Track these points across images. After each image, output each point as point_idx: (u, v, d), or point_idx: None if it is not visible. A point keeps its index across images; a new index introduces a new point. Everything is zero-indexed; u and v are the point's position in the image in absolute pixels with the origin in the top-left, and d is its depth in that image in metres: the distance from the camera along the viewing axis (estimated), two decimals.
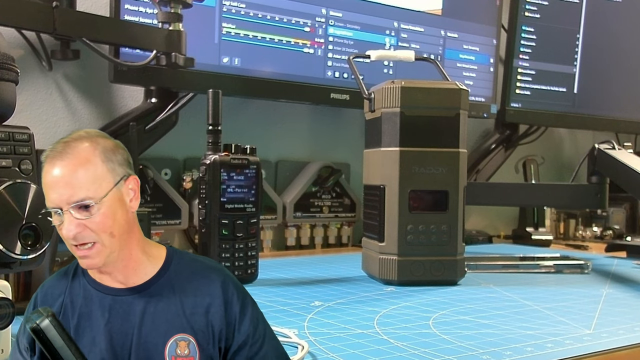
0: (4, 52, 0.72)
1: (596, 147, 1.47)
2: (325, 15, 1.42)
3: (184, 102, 1.28)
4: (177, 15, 1.08)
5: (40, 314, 0.41)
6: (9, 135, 0.71)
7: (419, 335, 0.72)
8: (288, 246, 1.50)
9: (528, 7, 1.77)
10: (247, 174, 0.96)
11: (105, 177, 0.49)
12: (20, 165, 0.71)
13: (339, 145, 1.62)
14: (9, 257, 0.67)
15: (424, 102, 1.04)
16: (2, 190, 0.67)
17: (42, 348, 0.41)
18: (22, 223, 0.69)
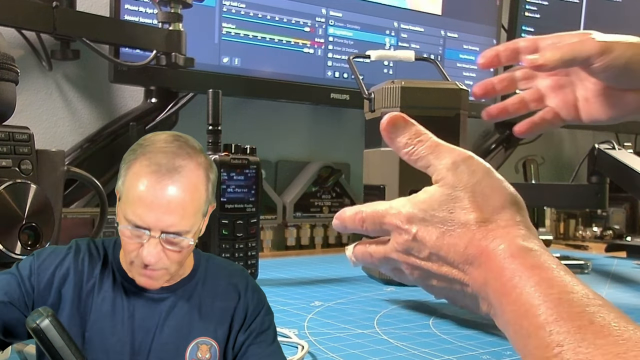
0: (4, 52, 0.72)
1: (596, 147, 1.47)
2: (325, 15, 1.42)
3: (184, 102, 1.28)
4: (177, 15, 1.09)
5: (40, 313, 0.41)
6: (9, 135, 0.71)
7: (419, 335, 0.72)
8: (288, 246, 1.50)
9: (528, 7, 1.77)
10: (247, 174, 0.96)
11: (203, 206, 0.45)
12: (20, 165, 0.71)
13: (339, 145, 1.62)
14: (9, 257, 0.67)
15: (424, 102, 1.04)
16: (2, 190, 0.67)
17: (42, 348, 0.41)
18: (22, 223, 0.69)
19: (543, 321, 0.42)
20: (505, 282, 0.45)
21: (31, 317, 0.41)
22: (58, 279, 0.48)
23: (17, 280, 0.47)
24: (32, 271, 0.48)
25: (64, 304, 0.47)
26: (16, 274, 0.48)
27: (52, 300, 0.47)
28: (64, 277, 0.48)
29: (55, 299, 0.47)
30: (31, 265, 0.48)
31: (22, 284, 0.47)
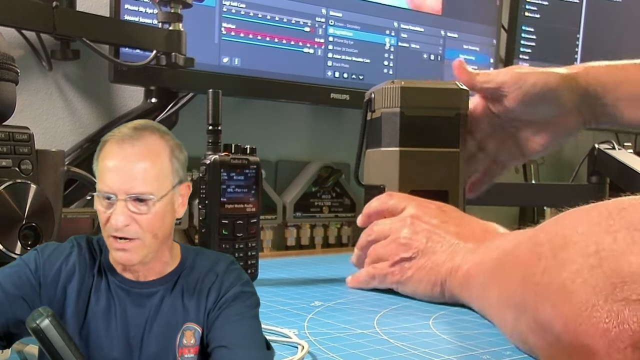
0: (4, 52, 0.72)
1: (596, 147, 1.47)
2: (325, 15, 1.42)
3: (184, 102, 1.28)
4: (177, 15, 1.09)
5: (40, 313, 0.41)
6: (9, 135, 0.71)
7: (419, 335, 0.72)
8: (288, 246, 1.50)
9: (528, 7, 1.77)
10: (247, 174, 0.96)
11: (168, 176, 0.46)
12: (20, 165, 0.72)
13: (339, 145, 1.62)
14: (9, 257, 0.67)
15: (423, 102, 1.04)
16: (2, 190, 0.67)
17: (42, 348, 0.41)
18: (22, 223, 0.69)
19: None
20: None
21: (31, 317, 0.41)
22: (64, 275, 0.48)
23: (26, 273, 0.47)
24: (37, 266, 0.48)
25: (69, 301, 0.47)
26: (23, 266, 0.48)
27: (58, 296, 0.47)
28: (70, 274, 0.48)
29: (61, 296, 0.47)
30: (36, 260, 0.48)
31: (30, 278, 0.47)
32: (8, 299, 0.47)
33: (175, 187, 0.47)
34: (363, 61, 1.48)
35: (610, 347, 0.44)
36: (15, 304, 0.47)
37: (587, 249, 0.48)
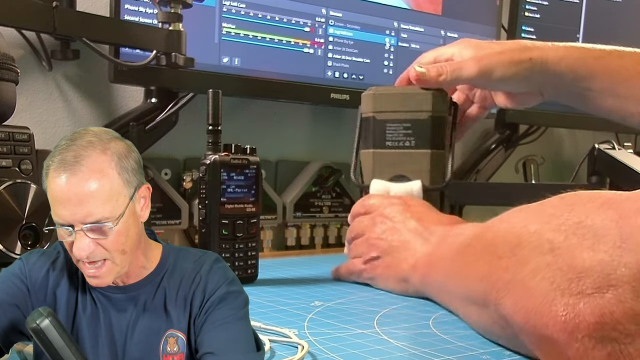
0: (4, 52, 0.72)
1: (596, 147, 1.47)
2: (325, 15, 1.42)
3: (184, 102, 1.28)
4: (177, 15, 1.09)
5: (40, 314, 0.41)
6: (9, 135, 0.71)
7: (419, 335, 0.72)
8: (288, 246, 1.50)
9: (528, 7, 1.77)
10: (247, 174, 0.96)
11: (121, 191, 0.44)
12: (20, 165, 0.72)
13: (339, 145, 1.62)
14: (9, 257, 0.67)
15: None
16: (2, 190, 0.67)
17: (42, 348, 0.41)
18: (22, 223, 0.70)
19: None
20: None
21: (31, 317, 0.41)
22: (52, 280, 0.48)
23: (15, 282, 0.47)
24: (24, 274, 0.48)
25: (60, 305, 0.47)
26: (10, 276, 0.48)
27: (48, 301, 0.47)
28: (58, 279, 0.48)
29: (51, 300, 0.47)
30: (21, 269, 0.48)
31: (20, 286, 0.47)
32: (2, 308, 0.47)
33: (133, 196, 0.46)
34: (363, 61, 1.48)
35: (570, 337, 0.47)
36: (10, 312, 0.47)
37: (542, 248, 0.52)
